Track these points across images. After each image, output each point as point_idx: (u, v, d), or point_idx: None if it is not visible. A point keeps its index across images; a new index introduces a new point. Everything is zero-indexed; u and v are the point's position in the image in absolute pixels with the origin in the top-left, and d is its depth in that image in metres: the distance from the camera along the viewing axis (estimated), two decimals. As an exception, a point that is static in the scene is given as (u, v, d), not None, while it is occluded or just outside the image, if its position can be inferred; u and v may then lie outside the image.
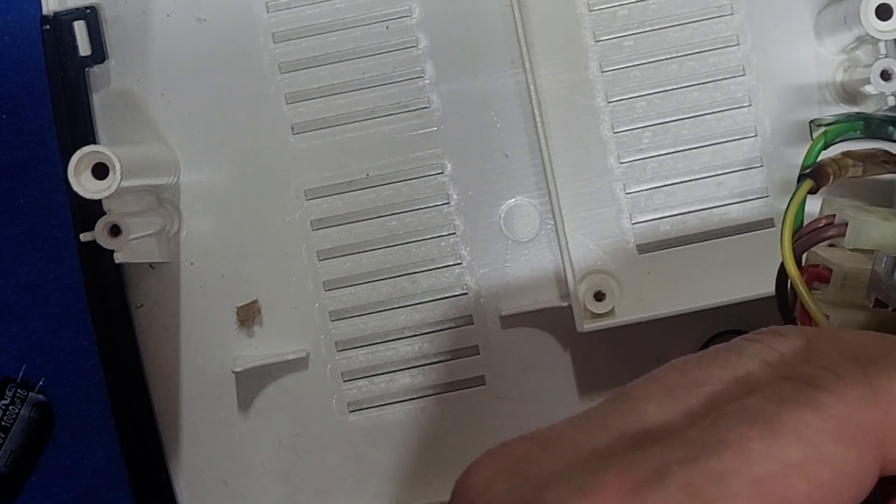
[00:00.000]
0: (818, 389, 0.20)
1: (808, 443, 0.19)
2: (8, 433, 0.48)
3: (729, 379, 0.21)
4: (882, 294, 0.27)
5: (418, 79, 0.45)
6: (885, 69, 0.41)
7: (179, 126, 0.45)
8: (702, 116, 0.45)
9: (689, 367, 0.22)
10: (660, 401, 0.21)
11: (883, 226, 0.30)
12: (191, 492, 0.46)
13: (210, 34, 0.45)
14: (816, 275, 0.30)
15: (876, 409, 0.20)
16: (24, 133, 0.50)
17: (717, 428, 0.19)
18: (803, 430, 0.19)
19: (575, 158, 0.45)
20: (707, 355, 0.22)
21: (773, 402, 0.20)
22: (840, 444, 0.19)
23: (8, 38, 0.50)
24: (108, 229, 0.40)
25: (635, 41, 0.45)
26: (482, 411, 0.46)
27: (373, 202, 0.46)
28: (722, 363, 0.22)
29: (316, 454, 0.46)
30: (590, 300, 0.44)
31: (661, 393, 0.21)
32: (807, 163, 0.35)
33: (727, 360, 0.22)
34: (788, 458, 0.19)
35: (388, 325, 0.46)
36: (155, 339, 0.46)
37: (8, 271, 0.50)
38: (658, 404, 0.21)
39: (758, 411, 0.20)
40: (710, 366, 0.22)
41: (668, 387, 0.22)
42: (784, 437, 0.19)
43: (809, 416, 0.19)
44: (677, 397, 0.21)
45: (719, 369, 0.22)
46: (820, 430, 0.19)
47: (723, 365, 0.22)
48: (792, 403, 0.19)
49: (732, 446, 0.19)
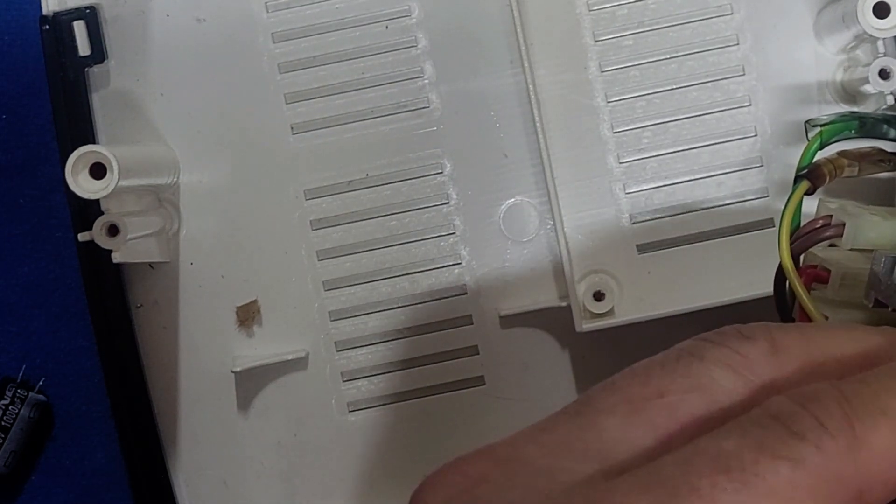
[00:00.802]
0: (799, 440, 0.19)
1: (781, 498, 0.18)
2: (8, 433, 0.48)
3: (692, 388, 0.21)
4: (881, 294, 0.27)
5: (418, 79, 0.45)
6: (883, 68, 0.41)
7: (179, 126, 0.45)
8: (701, 116, 0.45)
9: (650, 374, 0.21)
10: (622, 416, 0.21)
11: (881, 225, 0.30)
12: (190, 492, 0.46)
13: (210, 34, 0.45)
14: (815, 275, 0.30)
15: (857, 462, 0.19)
16: (24, 133, 0.50)
17: (689, 471, 0.19)
18: (780, 485, 0.19)
19: (574, 158, 0.45)
20: (669, 360, 0.22)
21: (751, 450, 0.19)
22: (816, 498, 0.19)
23: (8, 38, 0.50)
24: (106, 229, 0.40)
25: (635, 41, 0.45)
26: (481, 411, 0.46)
27: (372, 202, 0.46)
28: (684, 370, 0.21)
29: (315, 454, 0.46)
30: (589, 300, 0.44)
31: (624, 406, 0.21)
32: (803, 164, 0.35)
33: (689, 366, 0.21)
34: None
35: (388, 325, 0.46)
36: (154, 338, 0.46)
37: (8, 271, 0.50)
38: (621, 420, 0.21)
39: (733, 458, 0.19)
40: (673, 373, 0.21)
41: (630, 398, 0.21)
42: (758, 490, 0.18)
43: (787, 470, 0.19)
44: (640, 412, 0.21)
45: (681, 377, 0.21)
46: (796, 486, 0.19)
47: (685, 372, 0.21)
48: (770, 454, 0.19)
49: (704, 496, 0.18)
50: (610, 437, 0.20)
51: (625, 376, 0.22)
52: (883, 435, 0.19)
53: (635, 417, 0.21)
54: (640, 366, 0.22)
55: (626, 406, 0.21)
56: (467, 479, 0.20)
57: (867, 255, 0.29)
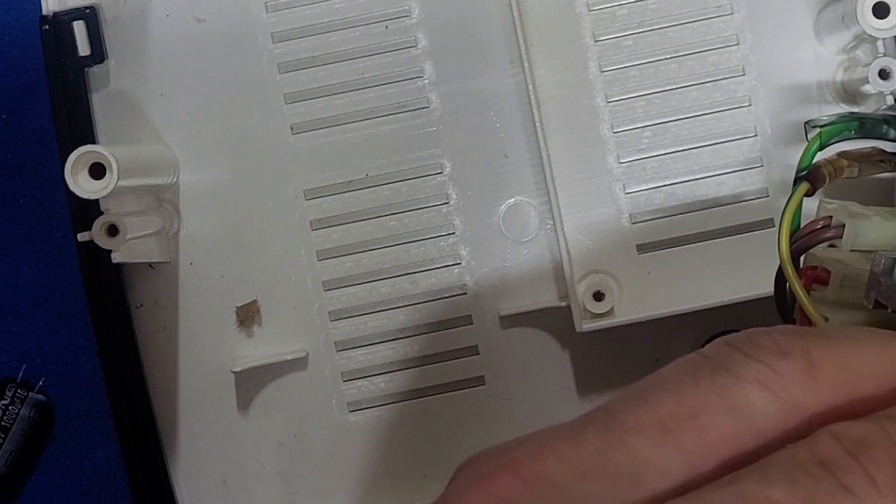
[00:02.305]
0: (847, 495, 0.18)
1: None
2: (8, 433, 0.48)
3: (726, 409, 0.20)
4: (881, 295, 0.27)
5: (417, 79, 0.45)
6: (883, 68, 0.41)
7: (179, 126, 0.45)
8: (701, 116, 0.45)
9: (683, 391, 0.21)
10: (654, 437, 0.20)
11: (881, 226, 0.30)
12: (190, 492, 0.46)
13: (209, 34, 0.45)
14: (815, 276, 0.30)
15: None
16: (24, 133, 0.50)
17: None
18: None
19: (574, 158, 0.45)
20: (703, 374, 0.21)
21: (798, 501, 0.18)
22: None
23: (8, 38, 0.50)
24: (106, 229, 0.40)
25: (635, 41, 0.45)
26: (481, 411, 0.46)
27: (372, 202, 0.46)
28: (719, 389, 0.20)
29: (315, 454, 0.46)
30: (589, 300, 0.44)
31: (655, 427, 0.20)
32: (802, 165, 0.35)
33: (724, 385, 0.21)
34: None
35: (388, 325, 0.46)
36: (154, 338, 0.46)
37: (8, 271, 0.50)
38: (652, 442, 0.20)
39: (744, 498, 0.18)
40: (707, 391, 0.20)
41: (661, 419, 0.20)
42: None
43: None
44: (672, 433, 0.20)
45: (715, 397, 0.20)
46: None
47: (719, 392, 0.20)
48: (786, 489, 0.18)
49: None
50: (641, 459, 0.20)
51: (655, 389, 0.21)
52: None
53: (667, 439, 0.20)
54: (671, 377, 0.21)
55: (657, 426, 0.20)
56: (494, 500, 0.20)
57: (867, 257, 0.28)
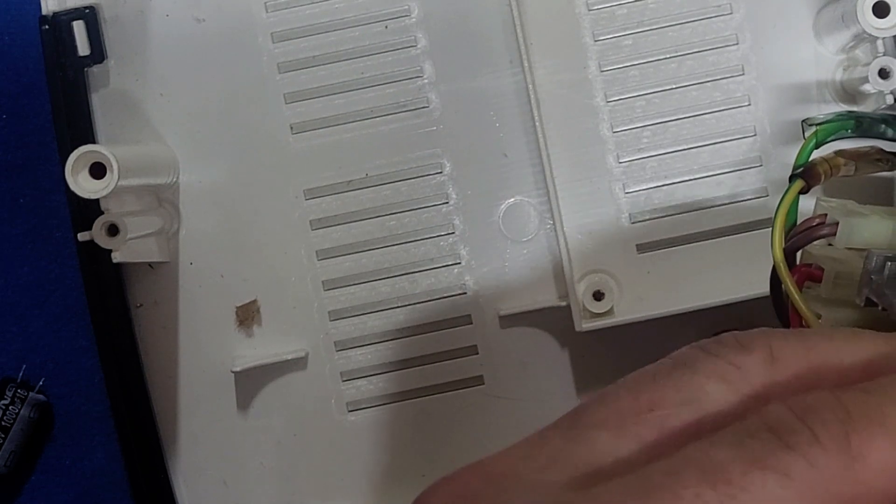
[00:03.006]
0: (788, 451, 0.18)
1: None
2: (8, 433, 0.48)
3: (683, 402, 0.20)
4: (873, 292, 0.27)
5: (417, 78, 0.45)
6: (883, 67, 0.41)
7: (178, 126, 0.45)
8: (701, 116, 0.45)
9: (641, 387, 0.21)
10: (612, 430, 0.20)
11: (875, 225, 0.30)
12: (190, 492, 0.46)
13: (209, 34, 0.45)
14: (808, 274, 0.30)
15: (851, 478, 0.18)
16: (24, 133, 0.50)
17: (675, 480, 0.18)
18: (765, 497, 0.18)
19: (574, 158, 0.45)
20: (662, 371, 0.21)
21: (740, 461, 0.18)
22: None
23: (7, 37, 0.50)
24: (106, 229, 0.40)
25: (634, 40, 0.45)
26: (481, 411, 0.46)
27: (372, 202, 0.46)
28: (675, 383, 0.21)
29: (315, 454, 0.46)
30: (589, 300, 0.44)
31: (614, 420, 0.20)
32: (799, 162, 0.35)
33: (681, 379, 0.21)
34: None
35: (388, 324, 0.46)
36: (154, 338, 0.46)
37: (8, 271, 0.50)
38: (610, 435, 0.20)
39: (721, 468, 0.18)
40: (665, 386, 0.21)
41: (620, 412, 0.20)
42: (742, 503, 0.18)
43: (774, 483, 0.18)
44: (630, 426, 0.20)
45: (672, 390, 0.21)
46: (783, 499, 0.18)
47: (676, 385, 0.21)
48: (758, 466, 0.18)
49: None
50: (600, 451, 0.20)
51: (617, 388, 0.21)
52: (880, 449, 0.19)
53: (625, 431, 0.20)
54: (633, 377, 0.21)
55: (616, 420, 0.20)
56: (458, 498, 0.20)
57: (862, 255, 0.28)
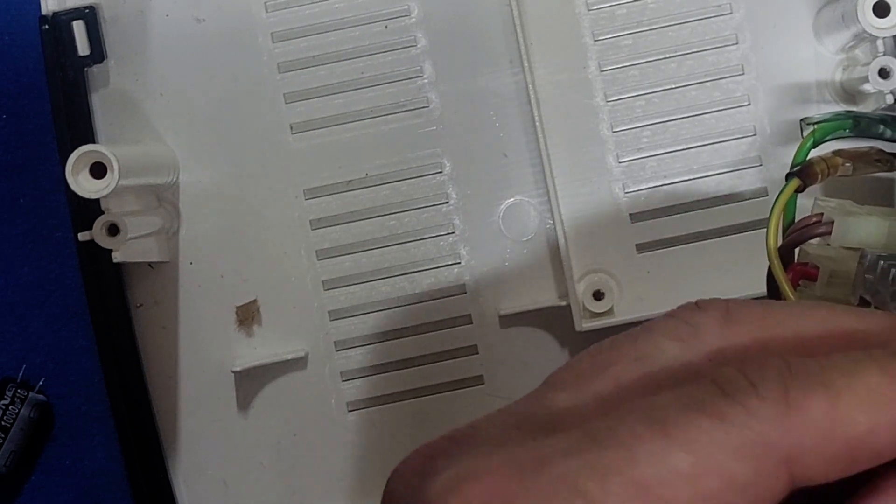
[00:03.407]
0: (726, 398, 0.19)
1: (699, 452, 0.18)
2: (8, 433, 0.48)
3: (636, 357, 0.21)
4: (866, 291, 0.27)
5: (417, 78, 0.45)
6: (883, 67, 0.41)
7: (178, 125, 0.45)
8: (701, 116, 0.45)
9: (601, 349, 0.22)
10: (571, 387, 0.21)
11: (870, 224, 0.30)
12: (190, 492, 0.46)
13: (209, 34, 0.45)
14: (804, 272, 0.30)
15: (785, 428, 0.19)
16: (24, 133, 0.50)
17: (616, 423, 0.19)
18: (698, 437, 0.19)
19: (574, 158, 0.45)
20: (623, 334, 0.22)
21: (679, 406, 0.19)
22: (735, 457, 0.18)
23: (7, 37, 0.50)
24: (107, 228, 0.40)
25: (634, 40, 0.45)
26: (481, 411, 0.45)
27: (372, 202, 0.46)
28: (632, 342, 0.22)
29: (315, 454, 0.46)
30: (589, 299, 0.44)
31: (573, 379, 0.21)
32: (796, 161, 0.35)
33: (637, 337, 0.22)
34: (675, 463, 0.18)
35: (387, 324, 0.46)
36: (154, 338, 0.46)
37: (8, 271, 0.50)
38: (569, 394, 0.21)
39: (660, 412, 0.19)
40: (621, 346, 0.22)
41: (579, 372, 0.21)
42: (676, 441, 0.19)
43: (708, 424, 0.19)
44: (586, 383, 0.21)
45: (629, 349, 0.21)
46: (716, 441, 0.18)
47: (633, 344, 0.21)
48: (696, 409, 0.19)
49: (623, 444, 0.19)
50: (557, 408, 0.21)
51: (580, 354, 0.22)
52: (818, 404, 0.19)
53: (582, 388, 0.21)
54: (596, 344, 0.22)
55: (573, 380, 0.21)
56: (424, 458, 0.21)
57: (857, 254, 0.29)
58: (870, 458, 0.19)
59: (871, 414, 0.19)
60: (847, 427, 0.19)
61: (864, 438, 0.19)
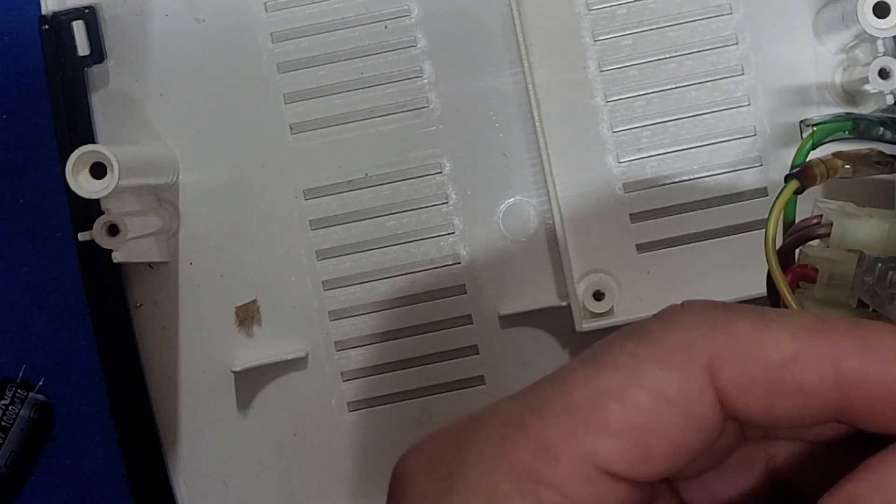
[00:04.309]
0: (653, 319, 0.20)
1: (624, 369, 0.19)
2: (8, 433, 0.48)
3: None
4: (864, 294, 0.27)
5: (417, 78, 0.45)
6: (883, 67, 0.41)
7: (178, 125, 0.45)
8: (700, 116, 0.45)
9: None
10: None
11: (868, 227, 0.30)
12: (190, 492, 0.46)
13: (209, 34, 0.45)
14: (803, 274, 0.30)
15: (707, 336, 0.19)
16: (24, 133, 0.50)
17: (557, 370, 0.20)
18: (623, 357, 0.19)
19: (574, 158, 0.45)
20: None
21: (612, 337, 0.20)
22: (659, 366, 0.19)
23: (7, 37, 0.50)
24: (107, 228, 0.40)
25: (634, 40, 0.45)
26: (481, 411, 0.46)
27: (371, 202, 0.46)
28: None
29: (315, 454, 0.46)
30: (589, 300, 0.44)
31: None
32: (796, 163, 0.35)
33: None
34: (604, 384, 0.19)
35: (388, 324, 0.46)
36: (154, 338, 0.46)
37: (8, 271, 0.50)
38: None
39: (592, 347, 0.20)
40: None
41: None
42: (602, 363, 0.19)
43: (631, 343, 0.19)
44: None
45: None
46: (640, 357, 0.19)
47: None
48: (624, 334, 0.20)
49: (557, 379, 0.20)
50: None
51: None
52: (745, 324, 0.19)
53: None
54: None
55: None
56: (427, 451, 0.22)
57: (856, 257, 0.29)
58: (794, 391, 0.19)
59: (796, 341, 0.19)
60: (770, 349, 0.19)
61: (787, 365, 0.19)
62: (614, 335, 0.20)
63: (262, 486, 0.46)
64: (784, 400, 0.19)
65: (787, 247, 0.31)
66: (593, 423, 0.19)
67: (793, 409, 0.19)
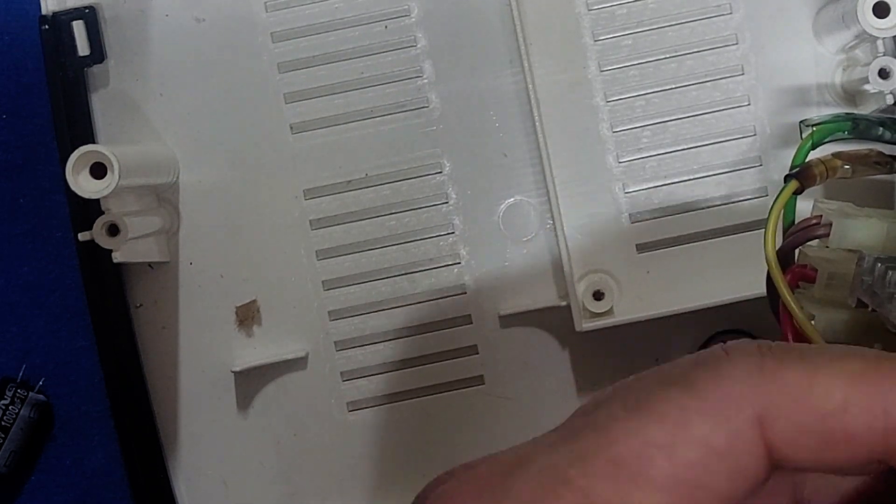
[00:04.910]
0: (698, 367, 0.19)
1: (671, 421, 0.18)
2: (8, 433, 0.48)
3: None
4: (863, 293, 0.27)
5: (417, 78, 0.45)
6: (883, 67, 0.41)
7: (178, 125, 0.45)
8: (701, 116, 0.45)
9: None
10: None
11: (868, 227, 0.30)
12: (190, 492, 0.46)
13: (209, 34, 0.45)
14: (802, 274, 0.30)
15: (757, 387, 0.19)
16: (24, 133, 0.50)
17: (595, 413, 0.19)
18: (670, 409, 0.18)
19: (574, 158, 0.45)
20: None
21: (654, 382, 0.19)
22: (707, 421, 0.18)
23: (7, 37, 0.50)
24: (107, 228, 0.40)
25: (634, 40, 0.45)
26: (481, 411, 0.46)
27: (372, 202, 0.46)
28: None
29: (315, 454, 0.46)
30: (589, 299, 0.44)
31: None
32: (795, 163, 0.35)
33: None
34: (651, 436, 0.18)
35: (388, 324, 0.46)
36: (154, 338, 0.46)
37: (8, 271, 0.50)
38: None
39: (637, 393, 0.19)
40: None
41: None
42: (649, 415, 0.19)
43: (678, 394, 0.19)
44: None
45: None
46: (687, 409, 0.18)
47: None
48: (668, 383, 0.19)
49: (600, 427, 0.19)
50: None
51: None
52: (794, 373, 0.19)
53: None
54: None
55: None
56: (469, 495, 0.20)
57: (855, 257, 0.29)
58: (844, 440, 0.19)
59: (846, 389, 0.19)
60: (821, 399, 0.19)
61: (837, 415, 0.18)
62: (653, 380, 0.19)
63: (262, 486, 0.46)
64: (833, 448, 0.19)
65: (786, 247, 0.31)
66: (640, 478, 0.18)
67: (841, 457, 0.19)
